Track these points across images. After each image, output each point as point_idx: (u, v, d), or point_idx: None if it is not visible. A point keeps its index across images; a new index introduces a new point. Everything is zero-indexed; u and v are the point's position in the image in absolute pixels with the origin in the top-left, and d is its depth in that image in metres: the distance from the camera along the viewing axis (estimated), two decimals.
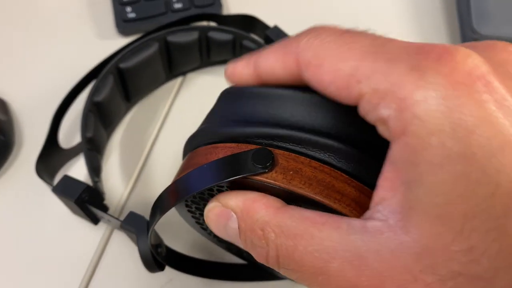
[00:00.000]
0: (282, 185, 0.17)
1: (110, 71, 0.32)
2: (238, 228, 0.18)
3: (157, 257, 0.25)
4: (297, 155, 0.17)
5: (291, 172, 0.17)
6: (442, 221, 0.13)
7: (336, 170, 0.17)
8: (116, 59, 0.33)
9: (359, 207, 0.17)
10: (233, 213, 0.18)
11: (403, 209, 0.14)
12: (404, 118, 0.13)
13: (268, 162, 0.17)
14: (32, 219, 0.32)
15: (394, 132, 0.14)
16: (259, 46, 0.39)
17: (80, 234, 0.31)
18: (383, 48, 0.15)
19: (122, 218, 0.26)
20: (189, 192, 0.19)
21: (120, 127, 0.37)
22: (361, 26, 0.17)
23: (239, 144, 0.18)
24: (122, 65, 0.33)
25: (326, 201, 0.16)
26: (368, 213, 0.15)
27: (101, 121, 0.32)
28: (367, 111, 0.15)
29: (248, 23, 0.41)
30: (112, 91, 0.32)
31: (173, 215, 0.26)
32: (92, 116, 0.30)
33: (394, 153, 0.14)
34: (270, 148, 0.17)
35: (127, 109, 0.37)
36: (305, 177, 0.17)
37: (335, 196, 0.17)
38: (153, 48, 0.36)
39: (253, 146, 0.18)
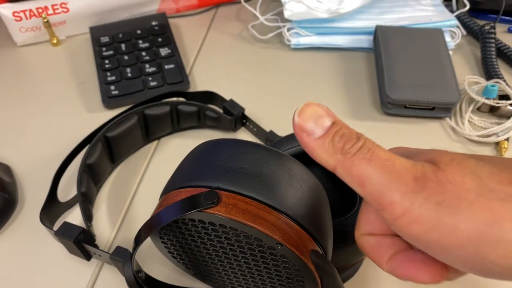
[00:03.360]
0: (224, 215, 0.25)
1: (99, 139, 0.41)
2: (333, 124, 0.22)
3: (139, 281, 0.32)
4: (235, 194, 0.26)
5: (230, 206, 0.25)
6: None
7: (261, 204, 0.25)
8: (104, 129, 0.42)
9: (275, 228, 0.25)
10: (331, 117, 0.22)
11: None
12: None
13: (214, 200, 0.25)
14: (35, 259, 0.39)
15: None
16: (218, 115, 0.48)
17: (75, 270, 0.38)
18: (393, 167, 0.21)
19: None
20: (160, 224, 0.27)
21: (107, 183, 0.45)
22: (303, 93, 0.24)
23: (196, 189, 0.27)
24: (109, 134, 0.42)
25: (253, 224, 0.25)
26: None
27: (92, 179, 0.40)
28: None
29: (209, 97, 0.51)
30: (101, 155, 0.41)
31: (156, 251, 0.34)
32: (85, 175, 0.39)
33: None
34: (218, 190, 0.26)
35: (112, 168, 0.45)
36: (240, 209, 0.25)
37: (259, 221, 0.25)
38: (133, 120, 0.45)
39: (205, 189, 0.26)
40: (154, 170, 0.47)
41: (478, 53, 0.60)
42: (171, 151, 0.49)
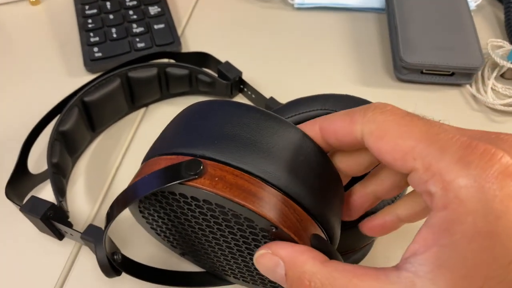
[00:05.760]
0: (208, 188, 0.20)
1: (75, 104, 0.36)
2: (285, 275, 0.20)
3: (113, 263, 0.28)
4: (223, 165, 0.21)
5: (216, 179, 0.20)
6: (467, 279, 0.17)
7: (253, 177, 0.21)
8: (80, 93, 0.37)
9: (270, 206, 0.20)
10: (281, 261, 0.20)
11: (433, 266, 0.17)
12: (448, 197, 0.17)
13: (198, 170, 0.20)
14: (2, 240, 0.35)
15: (436, 205, 0.18)
16: (212, 79, 0.43)
17: (50, 251, 0.34)
18: (437, 136, 0.18)
19: None
20: (134, 199, 0.22)
21: (86, 153, 0.40)
22: (308, 57, 0.20)
23: (178, 156, 0.22)
24: (87, 99, 0.37)
25: (242, 202, 0.20)
26: (399, 264, 0.18)
27: (66, 149, 0.35)
28: (417, 184, 0.19)
29: (203, 59, 0.46)
30: (77, 121, 0.36)
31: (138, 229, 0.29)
32: (58, 144, 0.34)
33: (433, 220, 0.18)
34: (202, 159, 0.21)
35: (92, 138, 0.40)
36: (228, 183, 0.20)
37: (251, 198, 0.20)
38: (115, 83, 0.40)
39: (189, 158, 0.21)
40: (141, 140, 0.42)
41: (501, 15, 0.54)
42: (160, 120, 0.44)
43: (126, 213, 0.27)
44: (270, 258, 0.21)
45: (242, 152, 0.21)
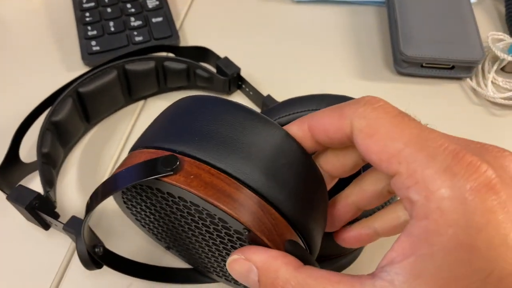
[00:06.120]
0: (181, 185, 0.20)
1: (69, 95, 0.36)
2: (259, 281, 0.20)
3: (94, 256, 0.27)
4: (200, 163, 0.20)
5: (192, 176, 0.20)
6: None
7: (230, 178, 0.20)
8: (75, 84, 0.37)
9: (244, 209, 0.20)
10: (254, 267, 0.20)
11: (410, 275, 0.17)
12: (429, 207, 0.17)
13: (173, 166, 0.20)
14: None
15: (417, 214, 0.17)
16: (210, 75, 0.43)
17: (51, 241, 0.34)
18: (426, 142, 0.18)
19: None
20: (112, 191, 0.22)
21: (80, 144, 0.40)
22: (307, 52, 0.19)
23: (158, 151, 0.22)
24: (81, 90, 0.37)
25: (215, 202, 0.19)
26: (375, 272, 0.18)
27: (58, 139, 0.35)
28: (399, 188, 0.18)
29: (202, 53, 0.45)
30: (71, 112, 0.36)
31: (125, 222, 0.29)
32: (49, 134, 0.34)
33: (413, 229, 0.17)
34: (179, 155, 0.21)
35: (87, 129, 0.40)
36: (203, 182, 0.20)
37: (224, 199, 0.20)
38: (112, 75, 0.40)
39: (167, 153, 0.21)
40: (139, 133, 0.41)
41: (501, 8, 0.53)
42: (159, 113, 0.44)
43: (115, 204, 0.27)
44: (243, 264, 0.20)
45: (221, 151, 0.21)
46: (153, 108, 0.44)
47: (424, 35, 0.45)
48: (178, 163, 0.20)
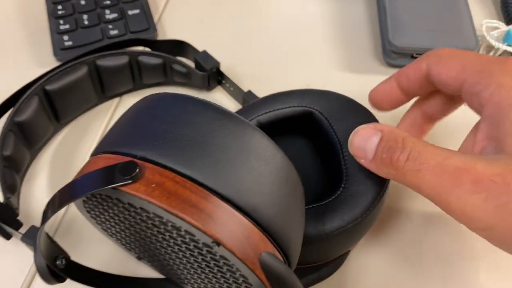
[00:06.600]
0: (142, 196, 0.17)
1: (34, 93, 0.33)
2: (380, 140, 0.23)
3: (54, 269, 0.24)
4: (163, 169, 0.18)
5: (153, 185, 0.18)
6: None
7: (196, 185, 0.18)
8: (41, 81, 0.34)
9: (211, 220, 0.18)
10: (379, 131, 0.23)
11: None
12: (500, 93, 0.22)
13: (133, 174, 0.18)
14: None
15: (488, 100, 0.22)
16: (188, 70, 0.40)
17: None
18: (480, 58, 0.24)
19: None
20: (67, 202, 0.19)
21: (50, 146, 0.37)
22: (291, 43, 0.18)
23: (117, 156, 0.19)
24: (48, 87, 0.35)
25: (180, 214, 0.17)
26: (485, 157, 0.21)
27: (23, 141, 0.33)
28: (466, 93, 0.24)
29: (179, 47, 0.42)
30: (37, 111, 0.33)
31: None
32: (12, 135, 0.31)
33: (489, 112, 0.22)
34: (140, 161, 0.18)
35: (57, 129, 0.37)
36: (166, 191, 0.18)
37: (190, 209, 0.17)
38: (82, 71, 0.37)
39: (127, 159, 0.19)
40: None
41: None
42: None
43: None
44: (370, 129, 0.24)
45: (187, 156, 0.18)
46: (128, 105, 0.41)
47: (415, 24, 0.43)
48: (138, 170, 0.18)
